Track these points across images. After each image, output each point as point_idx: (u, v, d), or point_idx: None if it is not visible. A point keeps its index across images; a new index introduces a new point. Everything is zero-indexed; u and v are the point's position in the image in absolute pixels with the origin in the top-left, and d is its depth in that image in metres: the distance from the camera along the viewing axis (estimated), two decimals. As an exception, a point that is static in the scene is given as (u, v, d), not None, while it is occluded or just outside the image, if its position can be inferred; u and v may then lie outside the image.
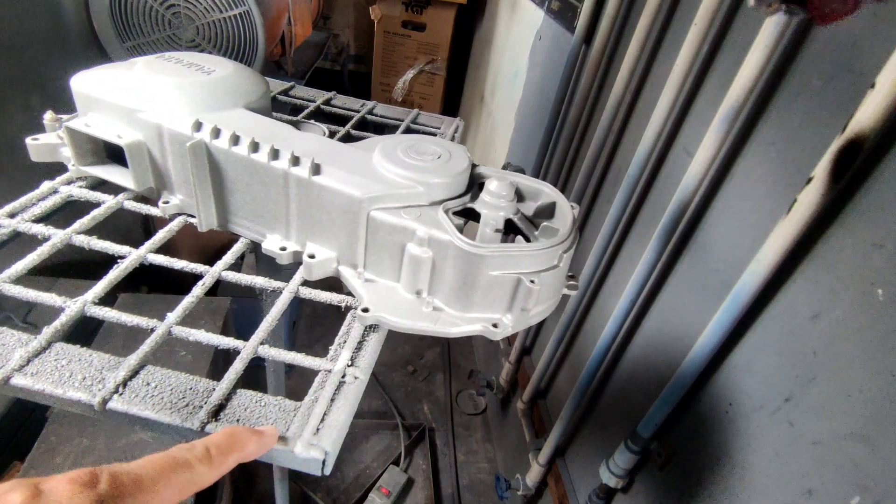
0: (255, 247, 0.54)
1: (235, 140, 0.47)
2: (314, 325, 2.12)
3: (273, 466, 1.01)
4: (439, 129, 0.83)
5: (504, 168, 0.85)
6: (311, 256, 0.48)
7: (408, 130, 0.83)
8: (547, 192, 0.51)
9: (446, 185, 0.47)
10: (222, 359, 1.19)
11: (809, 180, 0.54)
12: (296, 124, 0.62)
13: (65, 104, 0.55)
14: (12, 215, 0.51)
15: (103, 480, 0.25)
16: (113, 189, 0.56)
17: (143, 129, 0.51)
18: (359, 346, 0.43)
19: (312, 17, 2.11)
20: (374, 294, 0.46)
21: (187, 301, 0.45)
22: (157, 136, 0.50)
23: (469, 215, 0.50)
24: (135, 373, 0.38)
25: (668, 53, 0.92)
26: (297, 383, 1.58)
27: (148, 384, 0.38)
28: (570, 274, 0.50)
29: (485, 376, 1.70)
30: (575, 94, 1.24)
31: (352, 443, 1.73)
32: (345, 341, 0.43)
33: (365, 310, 0.44)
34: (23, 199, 0.53)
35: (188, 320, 0.44)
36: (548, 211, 0.51)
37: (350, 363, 0.42)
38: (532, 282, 0.42)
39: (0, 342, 0.38)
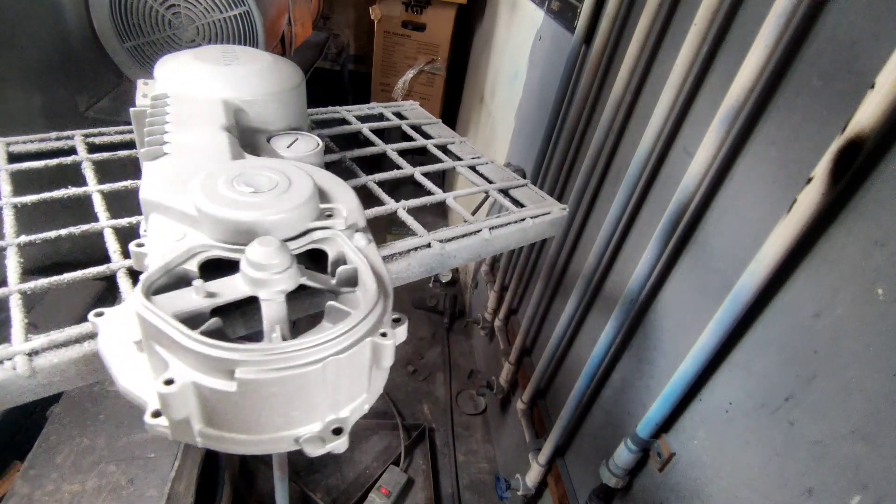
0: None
1: (155, 114, 0.50)
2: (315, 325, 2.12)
3: (273, 466, 1.01)
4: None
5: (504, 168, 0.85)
6: (140, 245, 0.42)
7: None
8: (350, 256, 0.40)
9: (210, 222, 0.39)
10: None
11: (809, 180, 0.54)
12: (299, 132, 0.62)
13: (65, 105, 0.57)
14: None
15: None
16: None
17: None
18: (65, 345, 0.40)
19: (312, 17, 2.11)
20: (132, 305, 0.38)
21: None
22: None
23: (311, 259, 0.41)
24: None
25: (668, 53, 0.92)
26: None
27: None
28: (336, 428, 0.35)
29: (485, 376, 1.70)
30: (575, 94, 1.24)
31: (352, 443, 1.73)
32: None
33: (99, 313, 0.38)
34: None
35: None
36: (352, 280, 0.40)
37: (30, 353, 0.39)
38: (168, 382, 0.31)
39: None
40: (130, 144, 0.67)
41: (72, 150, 0.63)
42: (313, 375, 0.31)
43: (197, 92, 0.55)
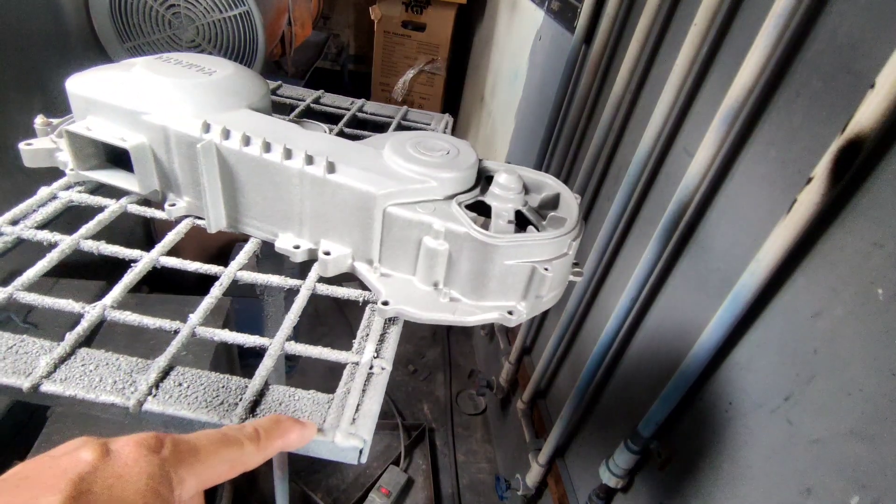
0: (258, 246, 0.54)
1: (247, 140, 0.48)
2: (316, 325, 2.12)
3: (273, 466, 1.01)
4: (429, 125, 0.84)
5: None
6: (327, 253, 0.49)
7: (399, 127, 0.84)
8: (551, 183, 0.53)
9: (457, 179, 0.48)
10: (225, 357, 1.19)
11: (809, 180, 0.54)
12: (301, 121, 0.62)
13: (65, 105, 0.56)
14: (14, 222, 0.51)
15: (167, 447, 0.26)
16: (112, 193, 0.56)
17: (147, 131, 0.50)
18: (381, 339, 0.45)
19: (312, 17, 2.12)
20: (391, 288, 0.48)
21: (207, 302, 0.46)
22: (163, 138, 0.50)
23: (478, 209, 0.51)
24: (165, 374, 0.39)
25: (668, 53, 0.92)
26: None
27: (180, 384, 0.38)
28: (575, 262, 0.52)
29: (485, 376, 1.70)
30: (575, 94, 1.24)
31: (352, 443, 1.73)
32: (367, 334, 0.45)
33: (385, 303, 0.46)
34: (22, 206, 0.52)
35: (187, 318, 0.44)
36: (552, 202, 0.52)
37: (375, 355, 0.43)
38: (546, 269, 0.45)
39: (24, 350, 0.39)
40: (77, 209, 0.55)
41: (18, 242, 0.49)
42: (583, 229, 0.49)
43: (219, 109, 0.51)
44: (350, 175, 0.46)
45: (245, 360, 1.43)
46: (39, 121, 0.56)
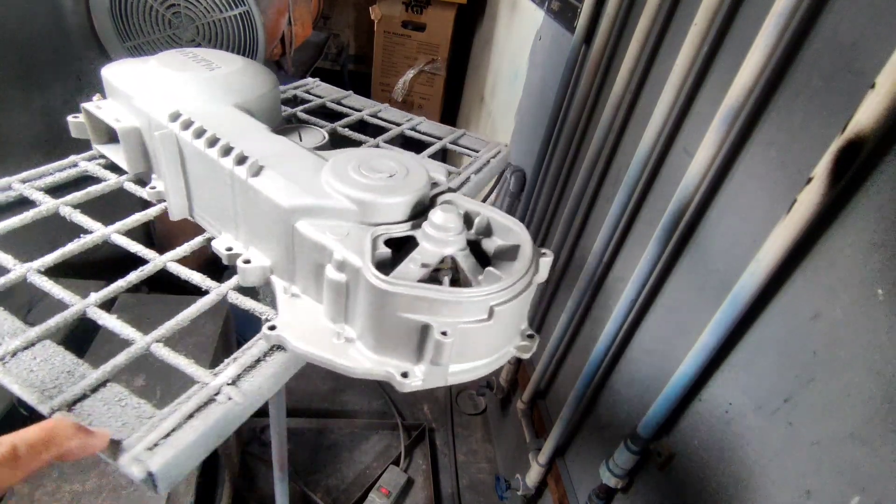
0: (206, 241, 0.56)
1: (199, 133, 0.48)
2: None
3: (273, 466, 1.01)
4: (477, 151, 0.80)
5: (504, 169, 0.85)
6: (247, 262, 0.46)
7: (441, 151, 0.81)
8: (515, 231, 0.45)
9: (384, 206, 0.43)
10: (223, 357, 1.19)
11: (809, 180, 0.54)
12: (297, 129, 0.62)
13: (66, 105, 0.57)
14: (24, 181, 0.54)
15: None
16: (123, 173, 0.59)
17: (137, 116, 0.53)
18: (253, 366, 0.39)
19: (312, 17, 2.11)
20: (291, 312, 0.43)
21: (115, 285, 0.46)
22: (147, 123, 0.52)
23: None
24: (30, 345, 0.38)
25: (668, 53, 0.92)
26: (294, 379, 1.58)
27: (35, 358, 0.37)
28: (529, 333, 0.45)
29: (485, 376, 1.70)
30: (575, 94, 1.24)
31: (352, 443, 1.73)
32: (237, 358, 0.40)
33: (272, 327, 0.41)
34: (41, 168, 0.56)
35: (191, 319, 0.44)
36: (510, 253, 0.45)
37: (230, 382, 0.38)
38: (443, 333, 0.36)
39: None
40: (85, 178, 0.59)
41: (24, 200, 0.54)
42: (529, 293, 0.41)
43: (207, 103, 0.53)
44: (270, 182, 0.43)
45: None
46: (96, 98, 0.61)
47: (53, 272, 0.47)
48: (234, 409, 0.36)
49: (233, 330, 1.32)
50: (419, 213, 0.46)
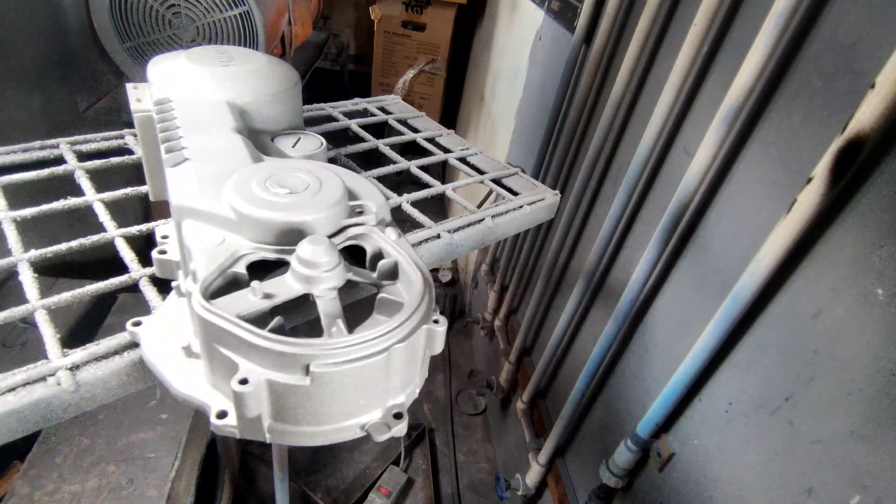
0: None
1: (163, 120, 0.50)
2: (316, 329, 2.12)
3: (273, 466, 1.01)
4: (485, 172, 0.77)
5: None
6: (162, 252, 0.44)
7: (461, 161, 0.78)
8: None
9: (259, 224, 0.38)
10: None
11: (809, 180, 0.54)
12: (303, 132, 0.62)
13: (65, 105, 0.57)
14: (73, 144, 0.62)
15: None
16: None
17: (151, 100, 0.55)
18: (105, 357, 0.38)
19: (312, 17, 2.11)
20: (169, 313, 0.40)
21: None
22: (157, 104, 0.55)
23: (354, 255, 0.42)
24: None
25: (668, 53, 0.92)
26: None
27: None
28: (396, 412, 0.36)
29: (485, 376, 1.70)
30: (575, 94, 1.24)
31: (352, 443, 1.73)
32: (93, 345, 0.38)
33: (136, 323, 0.39)
34: (90, 136, 0.64)
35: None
36: (393, 273, 0.41)
37: (72, 367, 0.36)
38: (243, 382, 0.31)
39: None
40: (120, 151, 0.66)
41: (60, 160, 0.61)
42: (379, 364, 0.33)
43: (201, 95, 0.55)
44: (178, 176, 0.42)
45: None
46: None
47: (55, 271, 0.47)
48: (61, 395, 0.35)
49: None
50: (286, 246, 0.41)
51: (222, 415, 0.33)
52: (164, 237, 0.45)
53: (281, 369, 0.31)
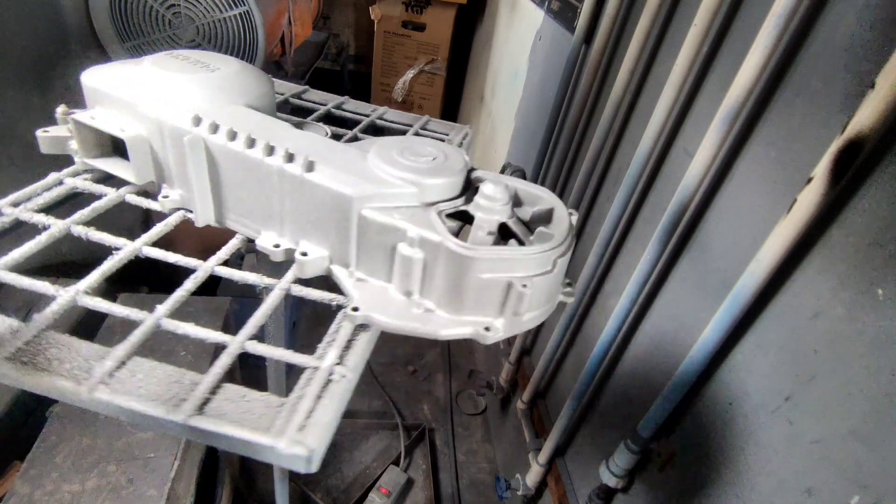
0: (242, 243, 0.55)
1: (233, 136, 0.48)
2: (315, 325, 2.12)
3: (273, 466, 1.01)
4: (448, 135, 0.83)
5: (504, 168, 0.85)
6: (304, 254, 0.48)
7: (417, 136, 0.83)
8: (545, 197, 0.51)
9: (439, 186, 0.47)
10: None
11: (809, 180, 0.54)
12: (300, 125, 0.62)
13: (67, 105, 0.56)
14: (16, 204, 0.51)
15: None
16: (117, 183, 0.57)
17: (144, 123, 0.51)
18: (348, 345, 0.43)
19: (312, 17, 2.11)
20: (365, 293, 0.46)
21: (178, 294, 0.45)
22: (158, 130, 0.51)
23: (464, 218, 0.50)
24: (122, 363, 0.38)
25: (668, 53, 0.92)
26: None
27: (135, 375, 0.37)
28: (567, 280, 0.50)
29: (485, 376, 1.70)
30: (575, 94, 1.24)
31: (352, 443, 1.73)
32: (333, 340, 0.43)
33: (355, 308, 0.44)
34: (28, 189, 0.53)
35: (184, 316, 0.44)
36: (545, 216, 0.51)
37: (338, 361, 0.41)
38: (524, 286, 0.42)
39: None
40: (80, 195, 0.56)
41: (21, 224, 0.51)
42: (572, 246, 0.48)
43: (212, 104, 0.53)
44: (327, 175, 0.46)
45: (245, 362, 1.43)
46: (61, 110, 0.57)
47: (44, 272, 0.47)
48: (348, 384, 0.40)
49: (232, 330, 1.32)
50: (465, 189, 0.50)
51: (488, 329, 0.44)
52: (276, 245, 0.50)
53: (540, 268, 0.43)
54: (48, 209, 0.52)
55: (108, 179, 0.58)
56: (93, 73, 0.54)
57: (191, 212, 0.54)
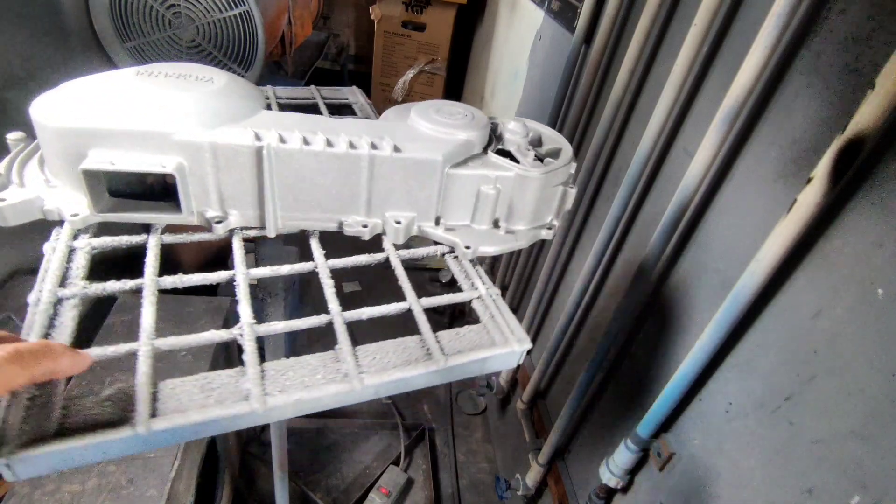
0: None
1: (306, 140, 0.49)
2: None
3: (273, 466, 1.01)
4: (347, 99, 0.81)
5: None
6: (398, 222, 0.54)
7: (324, 104, 0.79)
8: (556, 138, 0.63)
9: (484, 135, 0.57)
10: (223, 357, 1.19)
11: (809, 180, 0.54)
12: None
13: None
14: (62, 284, 0.44)
15: None
16: (109, 228, 0.50)
17: (180, 151, 0.46)
18: (478, 275, 0.53)
19: (312, 17, 2.11)
20: (460, 236, 0.55)
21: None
22: (204, 154, 0.47)
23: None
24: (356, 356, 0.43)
25: (668, 53, 0.92)
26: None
27: (374, 356, 0.43)
28: (549, 226, 0.63)
29: (485, 376, 1.70)
30: (575, 94, 1.24)
31: (352, 443, 1.73)
32: (466, 276, 0.53)
33: (467, 247, 0.54)
34: (52, 270, 0.45)
35: (184, 317, 0.43)
36: (553, 154, 0.61)
37: (487, 287, 0.51)
38: (571, 186, 0.58)
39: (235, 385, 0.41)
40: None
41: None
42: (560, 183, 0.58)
43: (237, 117, 0.50)
44: (411, 149, 0.52)
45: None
46: (15, 137, 0.50)
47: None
48: (502, 299, 0.50)
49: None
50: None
51: (551, 227, 0.59)
52: (398, 222, 0.55)
53: (569, 176, 0.59)
54: (87, 278, 0.45)
55: (102, 229, 0.51)
56: (62, 111, 0.46)
57: (246, 228, 0.53)
